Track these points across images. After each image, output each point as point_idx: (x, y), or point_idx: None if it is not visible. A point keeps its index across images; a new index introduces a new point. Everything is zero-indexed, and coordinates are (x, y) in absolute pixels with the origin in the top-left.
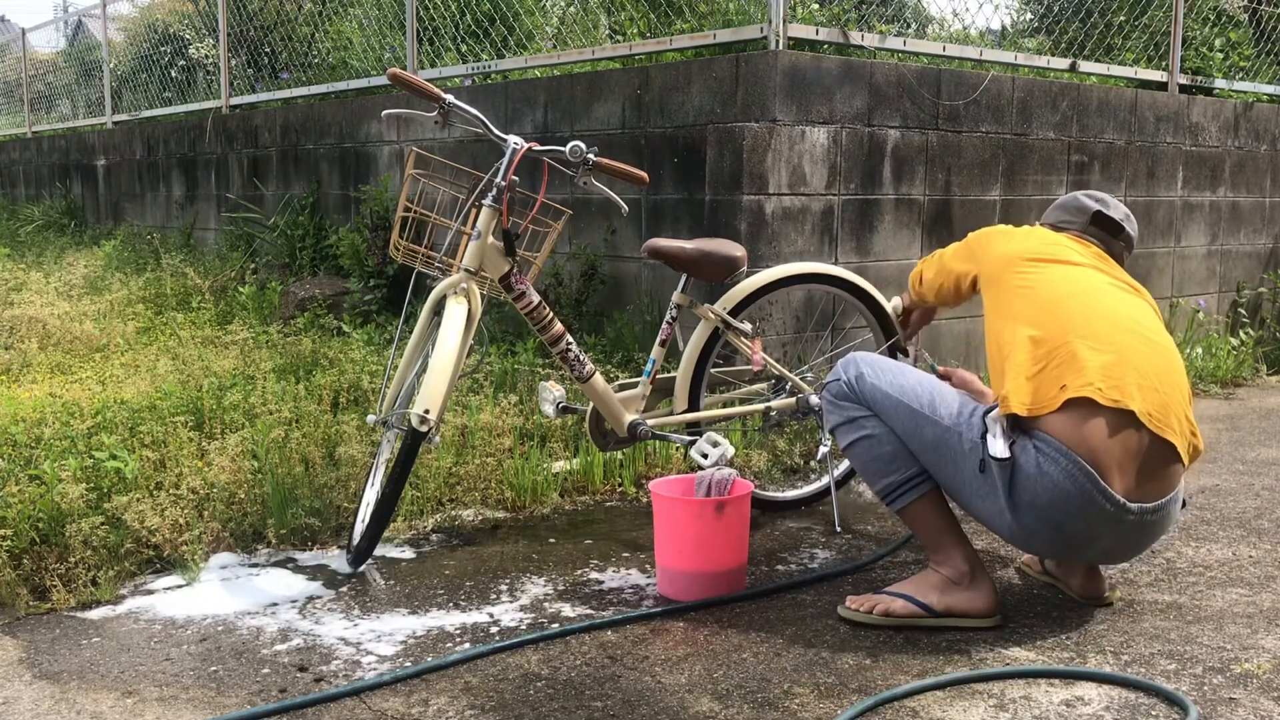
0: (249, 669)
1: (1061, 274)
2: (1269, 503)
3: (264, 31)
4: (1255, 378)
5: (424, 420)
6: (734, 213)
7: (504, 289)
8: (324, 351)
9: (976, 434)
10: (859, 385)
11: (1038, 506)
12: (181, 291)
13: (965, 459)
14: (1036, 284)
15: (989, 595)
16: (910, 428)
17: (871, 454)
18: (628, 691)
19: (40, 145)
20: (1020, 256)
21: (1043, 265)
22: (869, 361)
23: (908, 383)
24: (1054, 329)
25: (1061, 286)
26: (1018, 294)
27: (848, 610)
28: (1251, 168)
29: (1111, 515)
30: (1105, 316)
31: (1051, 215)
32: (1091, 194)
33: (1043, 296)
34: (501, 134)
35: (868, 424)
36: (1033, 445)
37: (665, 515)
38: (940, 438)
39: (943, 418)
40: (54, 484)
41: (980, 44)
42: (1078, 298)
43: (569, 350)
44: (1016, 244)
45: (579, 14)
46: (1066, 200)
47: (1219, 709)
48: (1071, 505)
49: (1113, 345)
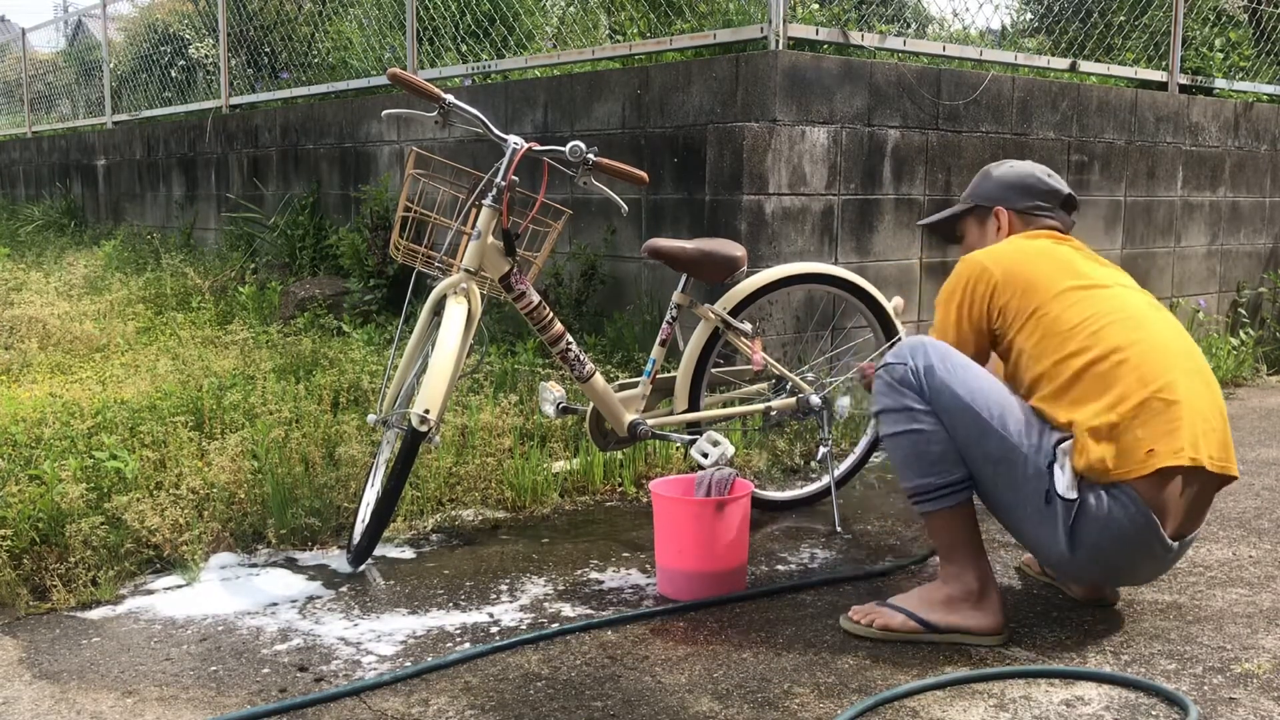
0: (249, 669)
1: (1107, 303)
2: (1269, 503)
3: (264, 31)
4: (1255, 378)
5: (424, 420)
6: (734, 213)
7: (504, 289)
8: (324, 351)
9: (1044, 461)
10: (927, 377)
11: (1097, 546)
12: (181, 291)
13: (1028, 482)
14: (1088, 315)
15: (995, 614)
16: (974, 436)
17: (917, 450)
18: (628, 691)
19: (40, 145)
20: (1053, 290)
21: (1084, 293)
22: (941, 354)
23: (980, 387)
24: (1129, 376)
25: (1117, 323)
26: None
27: (849, 622)
28: (1251, 168)
29: (1160, 555)
30: (1163, 352)
31: (1013, 197)
32: (1041, 168)
33: (1103, 334)
34: (501, 134)
35: (924, 419)
36: (1104, 491)
37: (665, 515)
38: (1005, 455)
39: (1011, 434)
40: (54, 484)
41: (980, 44)
42: (1137, 333)
43: (569, 350)
44: (1029, 272)
45: (579, 14)
46: (1022, 177)
47: (1219, 709)
48: (1128, 547)
49: (1179, 390)
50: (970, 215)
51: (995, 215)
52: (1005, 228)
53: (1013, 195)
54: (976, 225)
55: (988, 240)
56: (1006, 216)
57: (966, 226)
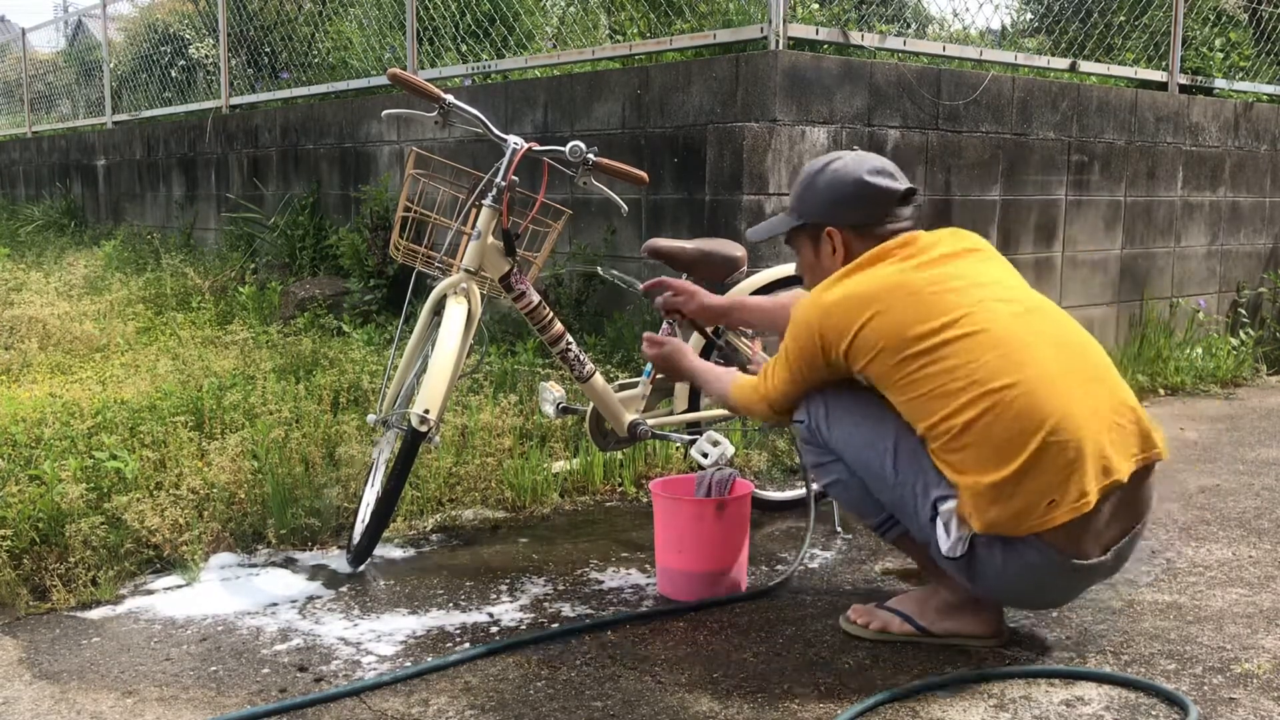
0: (249, 669)
1: (975, 344)
2: (1269, 503)
3: (264, 31)
4: (1255, 378)
5: (424, 420)
6: (734, 213)
7: (504, 289)
8: (324, 351)
9: (926, 516)
10: (821, 431)
11: (1006, 587)
12: (181, 291)
13: (923, 529)
14: (957, 365)
15: (994, 618)
16: (871, 481)
17: (848, 495)
18: (628, 691)
19: (40, 145)
20: (906, 348)
21: (948, 338)
22: (832, 404)
23: (869, 432)
24: (1016, 424)
25: (990, 363)
26: (933, 386)
27: (848, 622)
28: (1251, 168)
29: (1085, 571)
30: (1048, 382)
31: (842, 214)
32: (868, 164)
33: (980, 381)
34: (501, 134)
35: (835, 469)
36: (1005, 543)
37: (665, 515)
38: (899, 502)
39: (899, 482)
40: (54, 484)
41: (980, 44)
42: (1017, 370)
43: (569, 350)
44: (876, 334)
45: (579, 14)
46: (846, 185)
47: (1219, 709)
48: (1047, 579)
49: (1073, 418)
50: (802, 231)
51: (828, 237)
52: (839, 248)
53: (842, 211)
54: (809, 244)
55: (823, 262)
56: (839, 237)
57: (799, 242)
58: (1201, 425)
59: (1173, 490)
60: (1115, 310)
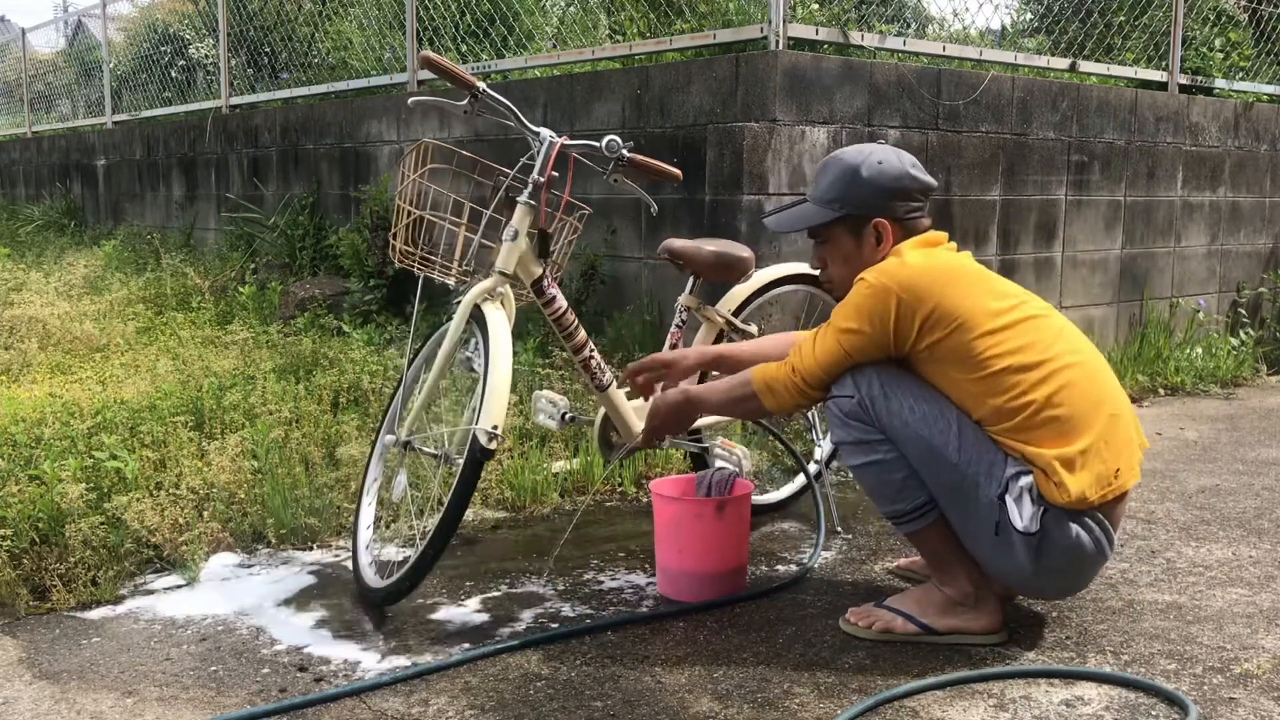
0: (249, 669)
1: (1036, 328)
2: (1269, 503)
3: (264, 31)
4: (1255, 378)
5: (493, 437)
6: (734, 213)
7: (535, 293)
8: (324, 351)
9: (995, 492)
10: (874, 407)
11: (1059, 569)
12: (181, 291)
13: (979, 511)
14: (1025, 345)
15: (994, 614)
16: (926, 462)
17: (881, 479)
18: (628, 691)
19: (40, 145)
20: (983, 322)
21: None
22: (887, 380)
23: (929, 411)
24: (1082, 401)
25: (1053, 347)
26: (1007, 364)
27: (849, 624)
28: (1251, 168)
29: (1108, 558)
30: (1095, 368)
31: (893, 205)
32: (908, 158)
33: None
34: (535, 127)
35: (880, 449)
36: (1074, 519)
37: (665, 515)
38: (956, 483)
39: (961, 462)
40: (54, 484)
41: (980, 44)
42: (1072, 355)
43: (591, 358)
44: (955, 303)
45: (579, 14)
46: (898, 178)
47: (1219, 709)
48: (1087, 564)
49: (1119, 404)
50: (843, 223)
51: (874, 228)
52: (887, 241)
53: (893, 203)
54: (850, 235)
55: (865, 252)
56: (888, 229)
57: (836, 234)
58: (1201, 425)
59: (1173, 490)
60: (1115, 310)
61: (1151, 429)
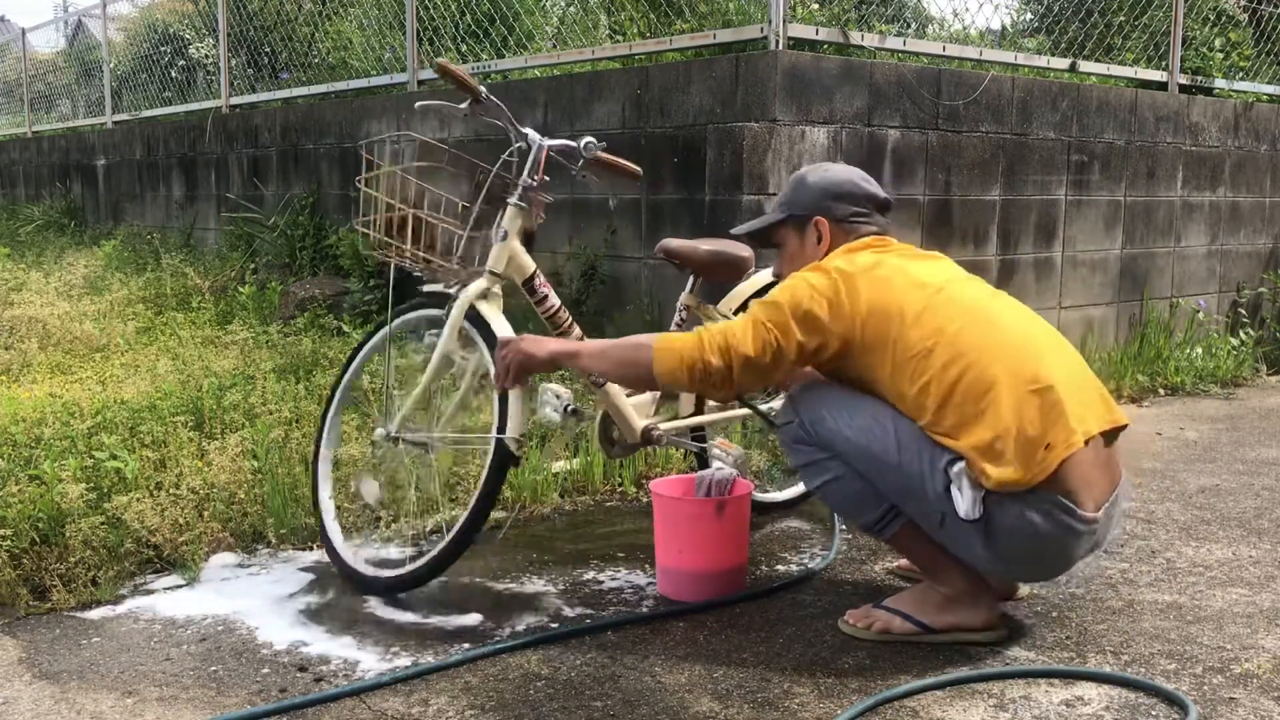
0: (249, 669)
1: (947, 310)
2: (1269, 503)
3: (264, 31)
4: (1255, 378)
5: (520, 444)
6: (734, 213)
7: (527, 292)
8: (324, 351)
9: (940, 485)
10: (815, 428)
11: (1019, 551)
12: (181, 291)
13: (930, 506)
14: (934, 329)
15: (991, 609)
16: (873, 471)
17: (841, 494)
18: (628, 691)
19: (40, 145)
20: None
21: (924, 306)
22: (822, 399)
23: (864, 422)
24: (998, 380)
25: (965, 328)
26: (915, 351)
27: (847, 625)
28: (1251, 168)
29: (1085, 533)
30: (1020, 339)
31: (831, 206)
32: (857, 172)
33: (956, 343)
34: (524, 130)
35: (831, 465)
36: (1016, 500)
37: (666, 515)
38: (904, 485)
39: (904, 465)
40: (54, 484)
41: (980, 44)
42: (989, 331)
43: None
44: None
45: (579, 14)
46: (839, 184)
47: (1219, 709)
48: (1053, 540)
49: (1050, 372)
50: (787, 224)
51: (815, 226)
52: (825, 238)
53: (831, 204)
54: (795, 235)
55: (807, 251)
56: (826, 227)
57: (784, 235)
58: (1201, 425)
59: (1173, 490)
60: (1115, 310)
61: (1151, 429)
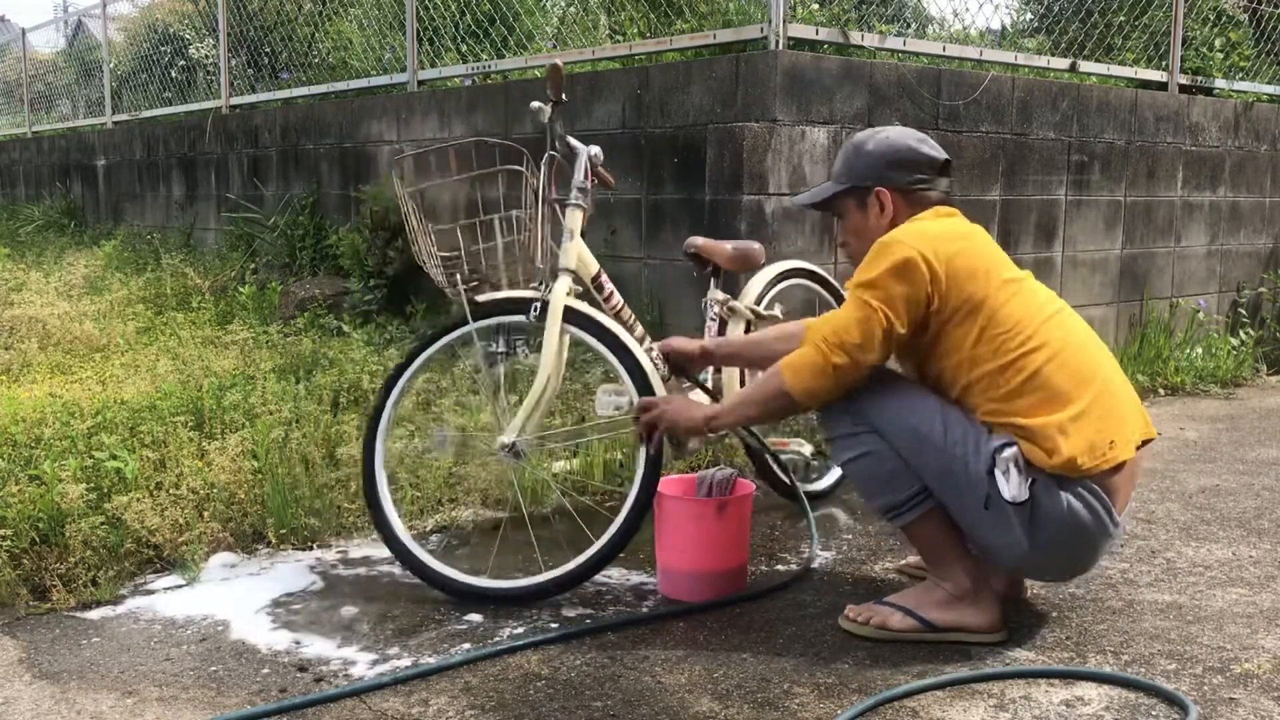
0: (249, 669)
1: (1034, 299)
2: (1269, 503)
3: (264, 31)
4: (1255, 378)
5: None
6: (734, 212)
7: (594, 289)
8: (324, 351)
9: (984, 467)
10: (859, 400)
11: (1057, 541)
12: (181, 291)
13: (970, 489)
14: (1025, 313)
15: (993, 611)
16: (913, 450)
17: (871, 471)
18: (628, 691)
19: (40, 145)
20: (993, 283)
21: (1015, 287)
22: (865, 374)
23: (909, 401)
24: (1077, 373)
25: (1050, 319)
26: (1006, 327)
27: (847, 621)
28: (1251, 168)
29: (1114, 535)
30: (1091, 343)
31: (892, 174)
32: (914, 134)
33: (1044, 332)
34: (576, 142)
35: (867, 440)
36: (1064, 488)
37: (666, 515)
38: (945, 466)
39: (947, 445)
40: (54, 484)
41: (980, 44)
42: (1065, 329)
43: (650, 351)
44: (969, 261)
45: (579, 14)
46: (897, 150)
47: (1219, 709)
48: (1090, 535)
49: (1113, 379)
50: (847, 195)
51: (877, 196)
52: (889, 208)
53: (892, 172)
54: (856, 207)
55: (870, 222)
56: (889, 197)
57: (845, 206)
58: (1201, 425)
59: (1173, 490)
60: (1115, 310)
61: None
